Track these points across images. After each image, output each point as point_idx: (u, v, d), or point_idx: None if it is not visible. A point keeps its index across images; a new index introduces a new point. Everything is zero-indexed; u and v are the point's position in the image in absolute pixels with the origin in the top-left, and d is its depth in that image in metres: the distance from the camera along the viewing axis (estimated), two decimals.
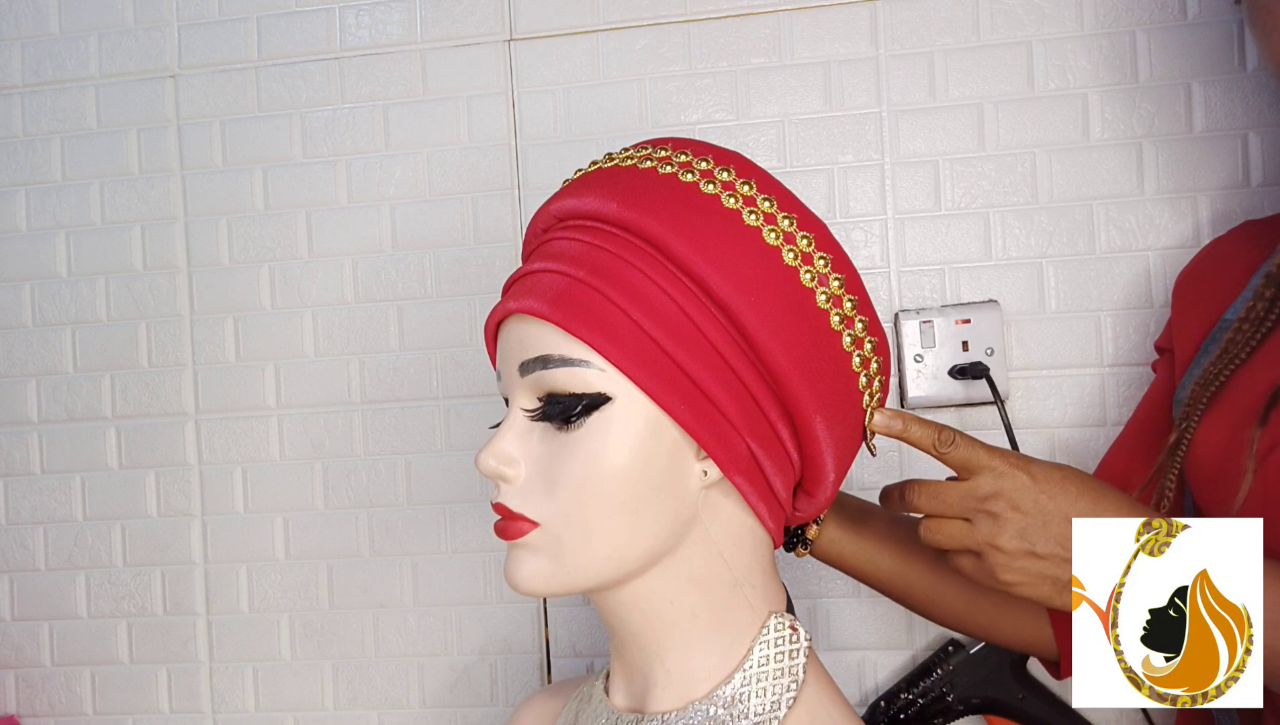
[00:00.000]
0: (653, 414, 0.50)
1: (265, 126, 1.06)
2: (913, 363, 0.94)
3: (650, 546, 0.52)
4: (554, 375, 0.50)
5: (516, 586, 0.52)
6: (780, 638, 0.54)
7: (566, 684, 0.70)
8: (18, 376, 1.09)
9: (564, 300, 0.50)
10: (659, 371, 0.49)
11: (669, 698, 0.54)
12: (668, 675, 0.54)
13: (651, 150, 0.55)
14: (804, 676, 0.53)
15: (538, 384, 0.51)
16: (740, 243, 0.50)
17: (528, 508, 0.51)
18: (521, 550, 0.52)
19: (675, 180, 0.52)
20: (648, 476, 0.50)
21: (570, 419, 0.50)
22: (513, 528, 0.52)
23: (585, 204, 0.53)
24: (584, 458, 0.50)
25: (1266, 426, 0.60)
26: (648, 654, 0.55)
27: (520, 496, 0.52)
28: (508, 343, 0.54)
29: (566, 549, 0.51)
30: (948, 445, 0.57)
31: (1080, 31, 0.94)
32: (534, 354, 0.51)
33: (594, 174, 0.56)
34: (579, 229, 0.53)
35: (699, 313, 0.49)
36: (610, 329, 0.49)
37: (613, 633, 0.57)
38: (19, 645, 1.09)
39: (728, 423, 0.50)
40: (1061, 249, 0.94)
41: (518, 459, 0.52)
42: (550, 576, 0.52)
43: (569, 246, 0.53)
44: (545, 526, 0.51)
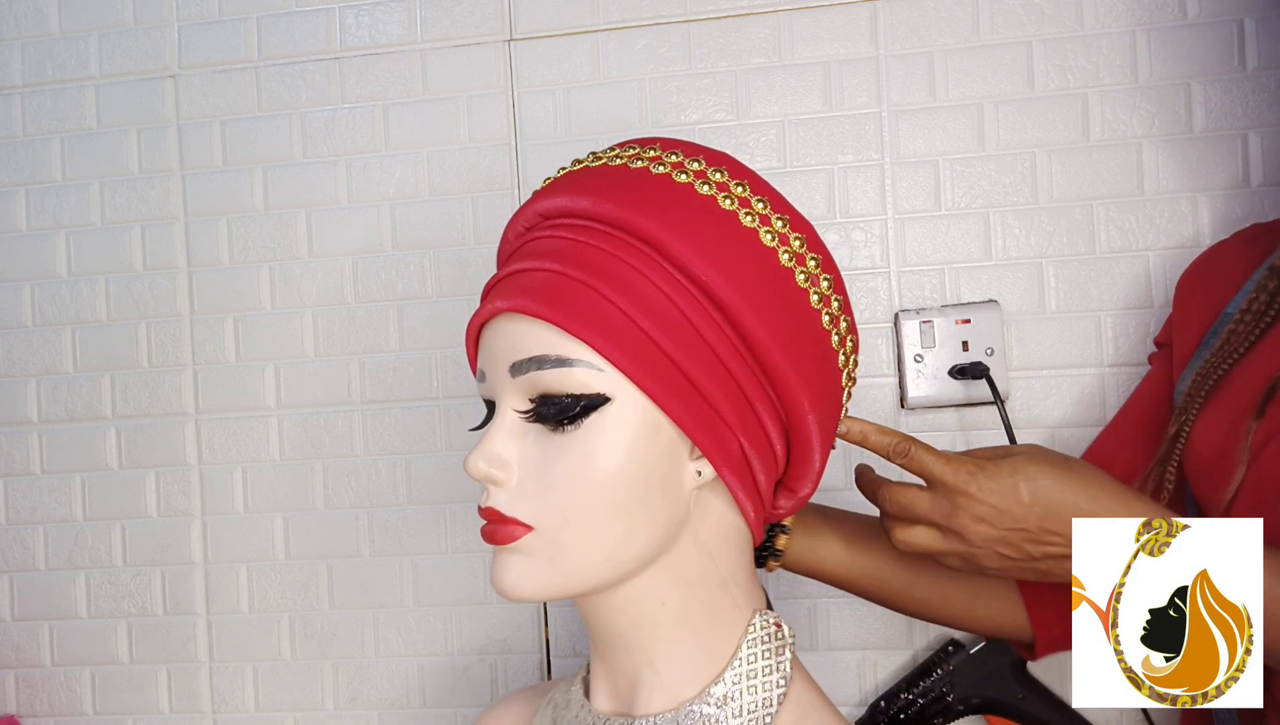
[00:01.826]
0: (651, 414, 0.50)
1: (265, 126, 1.06)
2: (913, 363, 0.94)
3: (646, 548, 0.51)
4: (550, 376, 0.49)
5: (506, 592, 0.51)
6: (766, 634, 0.54)
7: (534, 689, 0.68)
8: (18, 376, 1.09)
9: (561, 299, 0.49)
10: (658, 372, 0.49)
11: (659, 699, 0.53)
12: (657, 677, 0.54)
13: (640, 150, 0.54)
14: (791, 673, 0.54)
15: (531, 385, 0.50)
16: (739, 244, 0.51)
17: (521, 511, 0.50)
18: (512, 555, 0.51)
19: (670, 181, 0.52)
20: (645, 478, 0.50)
21: (566, 420, 0.49)
22: (504, 532, 0.50)
23: (577, 203, 0.52)
24: (581, 459, 0.49)
25: (1262, 419, 0.60)
26: (636, 656, 0.54)
27: (512, 500, 0.51)
28: (494, 344, 0.53)
29: (562, 553, 0.50)
30: (901, 457, 0.60)
31: (1080, 31, 0.94)
32: (528, 354, 0.50)
33: (581, 173, 0.55)
34: (570, 228, 0.52)
35: (696, 312, 0.49)
36: (610, 328, 0.48)
37: (597, 636, 0.56)
38: (19, 645, 1.09)
39: (723, 422, 0.50)
40: (1061, 249, 0.94)
41: (509, 462, 0.51)
42: (544, 581, 0.51)
43: (560, 245, 0.52)
44: (539, 530, 0.50)
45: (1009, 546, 0.58)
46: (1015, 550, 0.58)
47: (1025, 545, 0.58)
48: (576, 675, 0.63)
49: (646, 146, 0.55)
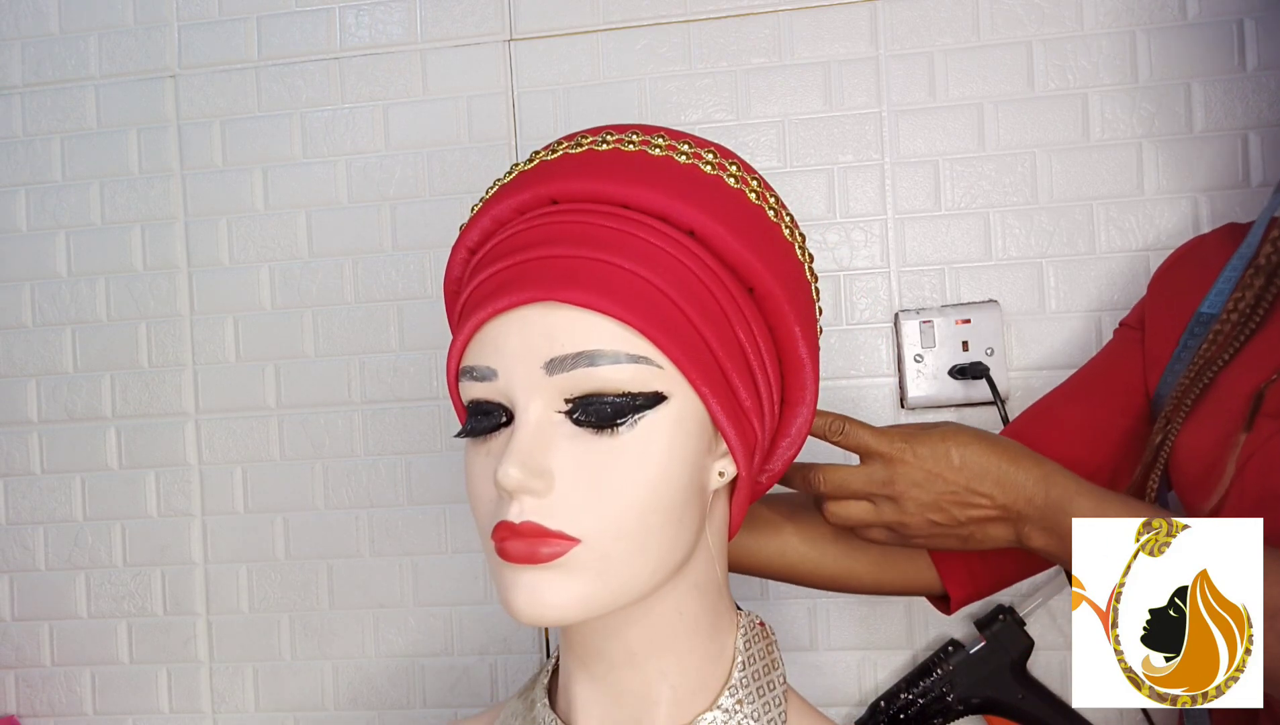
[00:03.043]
0: (699, 413, 0.47)
1: (265, 126, 1.06)
2: (913, 363, 0.94)
3: (684, 555, 0.48)
4: (602, 373, 0.44)
5: (542, 617, 0.45)
6: (755, 634, 0.54)
7: (478, 718, 0.62)
8: (18, 376, 1.09)
9: (614, 288, 0.44)
10: (708, 370, 0.46)
11: (675, 714, 0.50)
12: (673, 691, 0.50)
13: (624, 136, 0.51)
14: (784, 669, 0.54)
15: (576, 384, 0.45)
16: (761, 225, 0.50)
17: (566, 523, 0.44)
18: (553, 572, 0.44)
19: (698, 170, 0.50)
20: (691, 480, 0.47)
21: (619, 422, 0.45)
22: (547, 547, 0.44)
23: (602, 187, 0.48)
24: (636, 463, 0.45)
25: (1251, 432, 0.61)
26: (648, 672, 0.50)
27: (555, 511, 0.44)
28: (512, 338, 0.46)
29: (611, 566, 0.45)
30: (838, 434, 0.62)
31: (1080, 31, 0.94)
32: (575, 349, 0.44)
33: (583, 157, 0.50)
34: (592, 213, 0.47)
35: (729, 302, 0.48)
36: (669, 323, 0.45)
37: (598, 657, 0.51)
38: (19, 645, 1.09)
39: (747, 418, 0.49)
40: (1061, 249, 0.94)
41: (549, 469, 0.45)
42: (589, 598, 0.45)
43: (590, 231, 0.46)
44: (588, 543, 0.44)
45: (939, 511, 0.60)
46: (944, 515, 0.61)
47: (953, 509, 0.60)
48: (531, 700, 0.56)
49: (626, 132, 0.51)
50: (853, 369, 0.97)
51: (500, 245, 0.49)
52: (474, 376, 0.48)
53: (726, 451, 0.50)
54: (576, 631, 0.51)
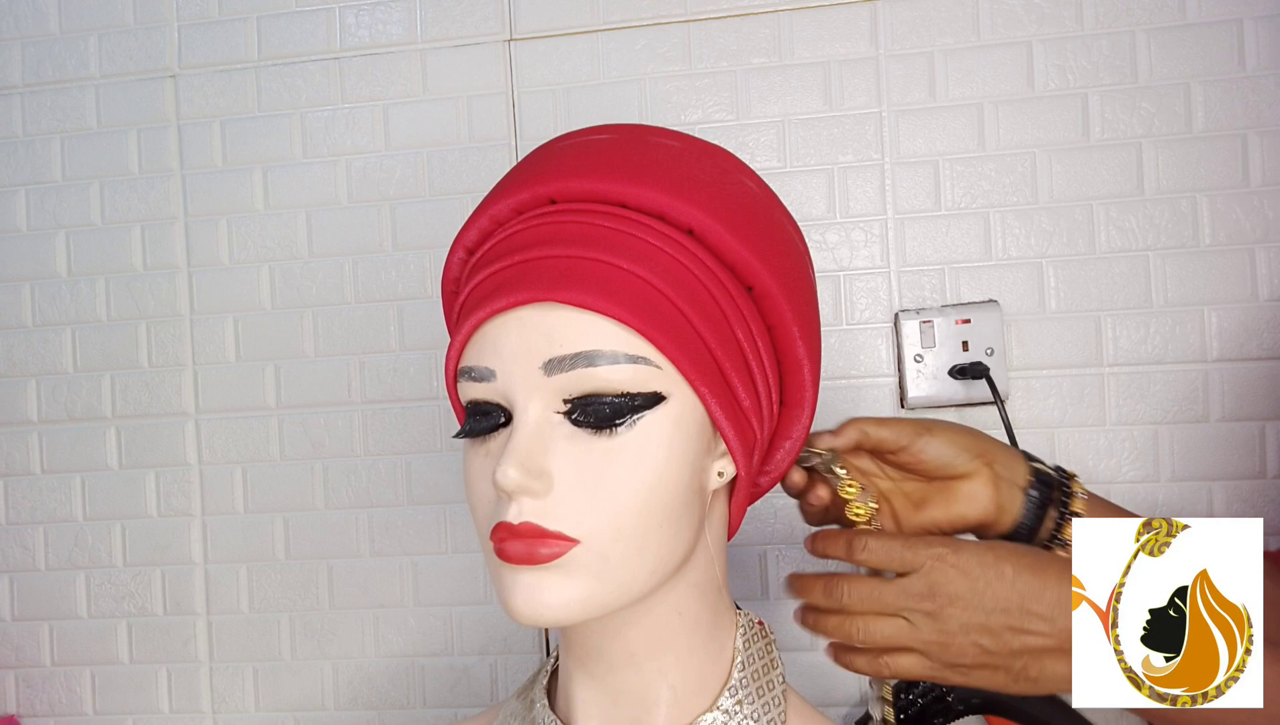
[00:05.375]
0: (698, 413, 0.47)
1: (265, 126, 1.06)
2: (913, 363, 0.94)
3: (683, 555, 0.48)
4: (601, 373, 0.44)
5: (540, 617, 0.45)
6: (755, 633, 0.54)
7: (477, 718, 0.62)
8: (18, 376, 1.09)
9: (612, 288, 0.45)
10: (707, 369, 0.46)
11: (675, 715, 0.51)
12: (673, 692, 0.51)
13: (623, 135, 0.51)
14: (783, 668, 0.54)
15: (574, 384, 0.45)
16: (759, 224, 0.49)
17: (565, 523, 0.44)
18: (551, 573, 0.44)
19: (692, 165, 0.49)
20: (691, 480, 0.47)
21: (618, 422, 0.45)
22: (545, 548, 0.44)
23: (600, 187, 0.47)
24: (634, 463, 0.45)
25: None
26: (647, 673, 0.51)
27: (554, 511, 0.44)
28: (510, 338, 0.46)
29: (610, 567, 0.45)
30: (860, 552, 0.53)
31: (1080, 31, 0.94)
32: (573, 350, 0.45)
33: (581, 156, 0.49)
34: (591, 212, 0.47)
35: (728, 302, 0.47)
36: (667, 323, 0.45)
37: (597, 658, 0.51)
38: (19, 645, 1.09)
39: (745, 418, 0.49)
40: (1061, 249, 0.94)
41: (548, 470, 0.45)
42: (588, 599, 0.45)
43: (588, 231, 0.46)
44: (587, 543, 0.44)
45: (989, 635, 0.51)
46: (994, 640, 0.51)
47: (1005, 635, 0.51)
48: (530, 701, 0.56)
49: (625, 131, 0.52)
50: (853, 369, 0.97)
51: (498, 245, 0.49)
52: (472, 377, 0.47)
53: (725, 452, 0.50)
54: (576, 632, 0.51)
